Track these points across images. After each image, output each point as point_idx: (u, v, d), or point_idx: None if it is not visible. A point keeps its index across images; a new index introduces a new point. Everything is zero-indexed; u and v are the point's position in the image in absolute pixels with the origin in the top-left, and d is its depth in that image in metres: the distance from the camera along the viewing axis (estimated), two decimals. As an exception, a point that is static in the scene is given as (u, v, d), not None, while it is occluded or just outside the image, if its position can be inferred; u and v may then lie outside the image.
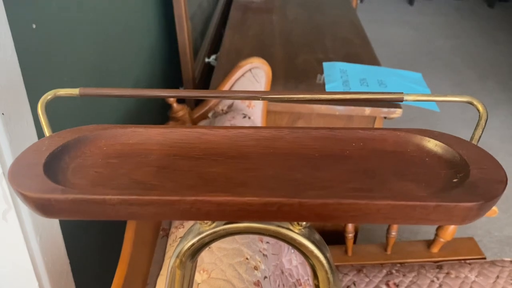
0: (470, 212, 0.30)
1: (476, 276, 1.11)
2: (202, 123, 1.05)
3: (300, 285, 1.00)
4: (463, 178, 0.33)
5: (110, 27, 0.93)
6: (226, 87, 1.04)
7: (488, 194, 0.30)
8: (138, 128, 0.39)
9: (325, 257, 0.35)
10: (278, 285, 0.86)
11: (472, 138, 0.40)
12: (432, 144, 0.37)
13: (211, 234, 0.36)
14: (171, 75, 1.44)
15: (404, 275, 1.12)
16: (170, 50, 1.40)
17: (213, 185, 0.33)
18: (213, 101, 1.05)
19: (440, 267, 1.14)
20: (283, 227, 0.35)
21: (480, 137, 0.40)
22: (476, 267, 1.14)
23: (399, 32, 3.73)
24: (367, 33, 1.65)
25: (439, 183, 0.33)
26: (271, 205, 0.30)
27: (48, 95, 0.42)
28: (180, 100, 1.11)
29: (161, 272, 0.68)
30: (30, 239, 0.65)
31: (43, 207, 0.31)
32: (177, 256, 0.37)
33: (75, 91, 0.43)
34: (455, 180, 0.33)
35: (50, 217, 0.32)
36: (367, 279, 1.12)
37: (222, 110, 1.05)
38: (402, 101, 0.43)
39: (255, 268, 0.69)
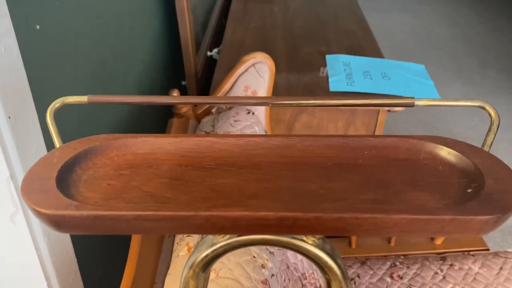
0: (486, 225, 0.29)
1: (480, 268, 1.12)
2: (206, 119, 1.04)
3: (305, 279, 1.00)
4: (477, 188, 0.32)
5: (113, 23, 0.92)
6: (229, 82, 1.03)
7: (505, 207, 0.30)
8: (149, 138, 0.39)
9: (339, 267, 0.35)
10: (284, 280, 0.87)
11: (484, 144, 0.40)
12: (445, 152, 0.37)
13: (224, 245, 0.36)
14: (174, 69, 1.43)
15: (408, 267, 1.13)
16: (172, 44, 1.39)
17: (227, 198, 0.33)
18: (216, 97, 1.05)
19: (443, 259, 1.15)
20: (297, 239, 0.35)
21: (492, 142, 0.40)
22: (479, 258, 1.14)
23: (400, 21, 3.70)
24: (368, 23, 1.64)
25: (453, 194, 0.33)
26: (286, 220, 0.30)
27: (56, 103, 0.42)
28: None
29: (169, 272, 0.69)
30: (38, 239, 0.65)
31: (58, 223, 0.31)
32: (191, 267, 0.37)
33: (83, 99, 0.43)
34: (469, 191, 0.33)
35: (64, 232, 0.32)
36: (371, 272, 1.13)
37: (226, 105, 1.05)
38: (413, 106, 0.42)
39: (263, 266, 0.69)
